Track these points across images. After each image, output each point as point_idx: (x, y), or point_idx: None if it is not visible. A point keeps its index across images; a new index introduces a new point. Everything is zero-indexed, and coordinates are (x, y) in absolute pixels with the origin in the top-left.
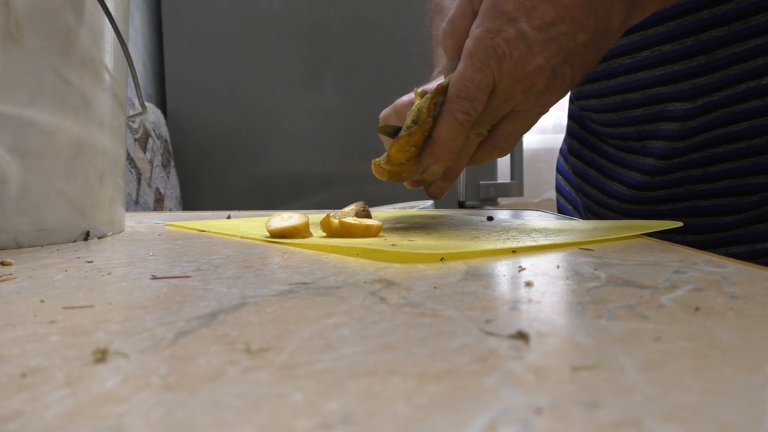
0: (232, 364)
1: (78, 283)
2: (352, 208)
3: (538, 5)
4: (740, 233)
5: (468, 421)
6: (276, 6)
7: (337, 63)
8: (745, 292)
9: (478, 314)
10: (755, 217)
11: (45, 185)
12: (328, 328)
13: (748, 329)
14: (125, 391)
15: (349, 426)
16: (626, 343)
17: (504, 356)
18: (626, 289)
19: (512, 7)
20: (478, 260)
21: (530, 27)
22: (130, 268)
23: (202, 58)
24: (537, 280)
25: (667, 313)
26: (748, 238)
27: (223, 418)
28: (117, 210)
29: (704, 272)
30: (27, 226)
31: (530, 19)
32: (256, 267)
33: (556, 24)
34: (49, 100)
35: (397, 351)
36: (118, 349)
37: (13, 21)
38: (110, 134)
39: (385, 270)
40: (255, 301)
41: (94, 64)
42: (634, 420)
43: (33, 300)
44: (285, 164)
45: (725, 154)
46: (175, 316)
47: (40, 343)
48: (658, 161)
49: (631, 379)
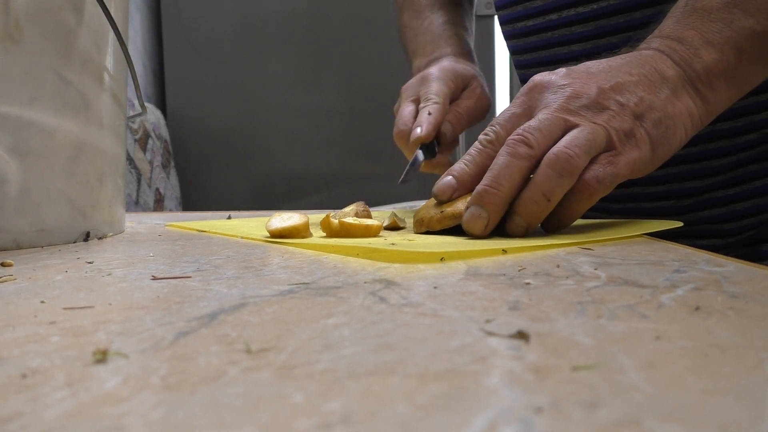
0: (233, 365)
1: (78, 284)
2: (352, 208)
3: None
4: (683, 232)
5: (468, 421)
6: (276, 6)
7: (337, 63)
8: (746, 292)
9: (478, 314)
10: (694, 219)
11: (45, 186)
12: (328, 328)
13: (749, 329)
14: (125, 391)
15: (349, 426)
16: (626, 342)
17: (504, 356)
18: (626, 288)
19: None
20: (478, 260)
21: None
22: (130, 269)
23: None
24: (537, 279)
25: (667, 312)
26: (690, 237)
27: (224, 419)
28: (117, 210)
29: (704, 272)
30: (27, 226)
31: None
32: (256, 267)
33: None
34: (49, 101)
35: (397, 351)
36: (118, 350)
37: (13, 21)
38: (110, 135)
39: (385, 270)
40: (255, 302)
41: (94, 64)
42: (635, 420)
43: (33, 301)
44: (285, 164)
45: (670, 160)
46: (176, 317)
47: (41, 343)
48: None
49: (631, 379)
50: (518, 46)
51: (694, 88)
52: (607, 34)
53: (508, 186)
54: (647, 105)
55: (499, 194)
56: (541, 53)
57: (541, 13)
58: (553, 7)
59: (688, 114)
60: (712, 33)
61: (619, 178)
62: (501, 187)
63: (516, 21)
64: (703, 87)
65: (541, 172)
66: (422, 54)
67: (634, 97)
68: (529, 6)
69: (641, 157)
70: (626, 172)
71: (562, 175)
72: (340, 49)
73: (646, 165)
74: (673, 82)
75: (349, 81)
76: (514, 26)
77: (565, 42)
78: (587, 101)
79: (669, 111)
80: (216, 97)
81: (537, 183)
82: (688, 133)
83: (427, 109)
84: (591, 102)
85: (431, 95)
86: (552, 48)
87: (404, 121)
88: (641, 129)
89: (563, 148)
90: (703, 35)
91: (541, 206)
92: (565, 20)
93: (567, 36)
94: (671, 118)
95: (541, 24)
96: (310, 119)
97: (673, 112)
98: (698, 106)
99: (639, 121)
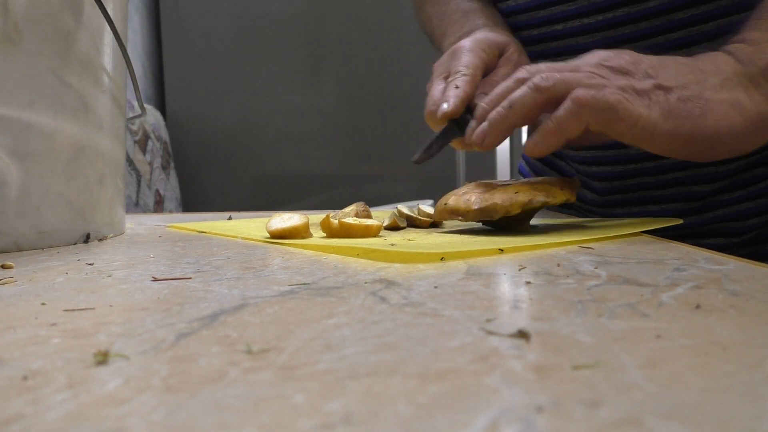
0: (233, 365)
1: (78, 286)
2: (352, 209)
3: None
4: (686, 233)
5: (469, 421)
6: (274, 7)
7: (336, 63)
8: (746, 290)
9: (479, 313)
10: (698, 220)
11: (45, 188)
12: (329, 329)
13: (749, 326)
14: (126, 393)
15: (350, 426)
16: (627, 341)
17: (505, 355)
18: (627, 287)
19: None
20: (479, 259)
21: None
22: (130, 270)
23: (201, 59)
24: (537, 278)
25: (667, 311)
26: (694, 237)
27: (225, 419)
28: (117, 212)
29: (704, 270)
30: (27, 228)
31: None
32: (256, 268)
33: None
34: (48, 103)
35: (398, 351)
36: (119, 351)
37: (12, 24)
38: (110, 136)
39: (385, 270)
40: (256, 302)
41: (93, 66)
42: (636, 418)
43: (34, 303)
44: (285, 165)
45: (675, 165)
46: (176, 318)
47: (41, 345)
48: (615, 167)
49: (632, 378)
50: None
51: (755, 83)
52: (613, 45)
53: (495, 102)
54: (680, 84)
55: (485, 107)
56: (545, 62)
57: (546, 23)
58: (558, 17)
59: (733, 104)
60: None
61: (609, 106)
62: (491, 102)
63: (520, 29)
64: (765, 81)
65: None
66: (452, 32)
67: (668, 75)
68: (534, 16)
69: (648, 117)
70: (623, 114)
71: (530, 87)
72: (339, 49)
73: (651, 128)
74: (727, 75)
75: (348, 81)
76: (518, 35)
77: (571, 52)
78: (616, 65)
79: (706, 95)
80: (215, 98)
81: (507, 93)
82: (736, 125)
83: (454, 83)
84: (618, 67)
85: (460, 67)
86: (557, 57)
87: (434, 100)
88: (660, 95)
89: (545, 73)
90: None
91: (501, 112)
92: (570, 31)
93: (573, 46)
94: (706, 101)
95: (546, 33)
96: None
97: (711, 97)
98: (758, 101)
99: (662, 90)
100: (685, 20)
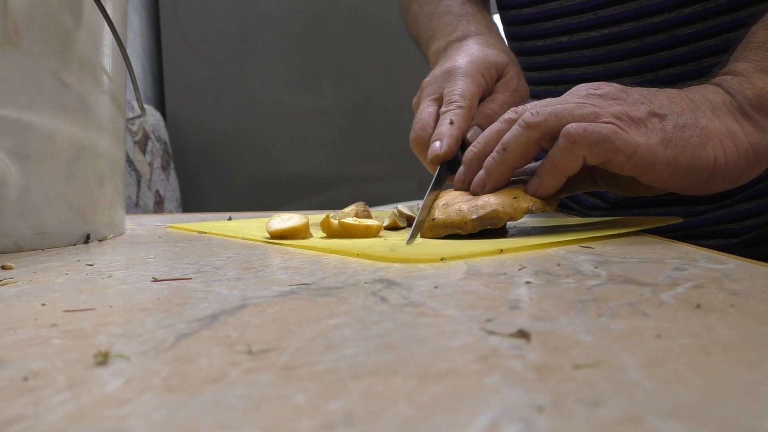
0: (234, 366)
1: (79, 286)
2: (352, 209)
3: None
4: (686, 234)
5: (470, 421)
6: (274, 7)
7: (336, 63)
8: (746, 289)
9: (479, 313)
10: (697, 221)
11: (45, 188)
12: (330, 329)
13: (750, 326)
14: (127, 393)
15: (351, 426)
16: (627, 340)
17: (505, 355)
18: (627, 286)
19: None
20: (479, 259)
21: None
22: (130, 271)
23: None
24: (537, 278)
25: (667, 310)
26: (694, 238)
27: (225, 420)
28: (117, 212)
29: (705, 269)
30: (27, 229)
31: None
32: (256, 268)
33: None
34: (48, 104)
35: (398, 351)
36: (119, 352)
37: (12, 25)
38: (110, 137)
39: (385, 270)
40: (256, 303)
41: (92, 67)
42: (636, 418)
43: (34, 303)
44: (285, 165)
45: None
46: (176, 318)
47: (42, 346)
48: None
49: (633, 377)
50: (526, 63)
51: (744, 114)
52: (619, 58)
53: (485, 145)
54: (675, 111)
55: (475, 152)
56: (551, 72)
57: (551, 34)
58: (564, 30)
59: (728, 134)
60: (766, 62)
61: (603, 138)
62: (481, 146)
63: (525, 39)
64: (755, 112)
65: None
66: (441, 36)
67: (660, 102)
68: (539, 27)
69: (647, 146)
70: (620, 145)
71: (521, 126)
72: (339, 50)
73: (650, 157)
74: (717, 105)
75: (348, 82)
76: (522, 44)
77: (577, 64)
78: (606, 92)
79: (701, 123)
80: (215, 98)
81: (496, 135)
82: (730, 155)
83: (448, 117)
84: (609, 94)
85: (455, 96)
86: (562, 68)
87: (422, 124)
88: (656, 122)
89: (534, 109)
90: (756, 65)
91: (496, 157)
92: (576, 43)
93: (578, 58)
94: (702, 130)
95: (552, 45)
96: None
97: (706, 125)
98: (749, 132)
99: (657, 117)
100: (692, 35)
